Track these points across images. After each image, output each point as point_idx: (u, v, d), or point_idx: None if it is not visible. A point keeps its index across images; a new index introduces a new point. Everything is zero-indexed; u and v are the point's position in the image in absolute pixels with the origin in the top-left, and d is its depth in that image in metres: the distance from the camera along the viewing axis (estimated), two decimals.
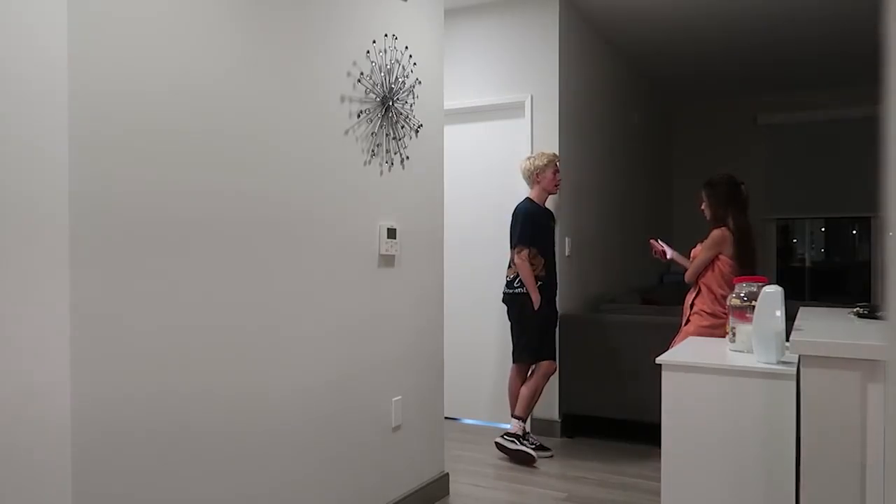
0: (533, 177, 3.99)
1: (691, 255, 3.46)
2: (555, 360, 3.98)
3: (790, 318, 2.99)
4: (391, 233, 2.82)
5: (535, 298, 3.85)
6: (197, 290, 1.94)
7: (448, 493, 3.30)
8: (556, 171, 3.98)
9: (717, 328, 3.28)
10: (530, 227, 3.90)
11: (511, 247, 3.97)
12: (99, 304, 1.67)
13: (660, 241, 3.71)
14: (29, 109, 1.59)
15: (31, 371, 1.58)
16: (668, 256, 3.63)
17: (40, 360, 1.60)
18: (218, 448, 2.02)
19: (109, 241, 1.70)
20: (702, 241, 3.43)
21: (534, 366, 3.97)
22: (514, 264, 3.93)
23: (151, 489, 1.81)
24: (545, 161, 3.96)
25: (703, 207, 3.46)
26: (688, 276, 3.45)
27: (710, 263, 3.36)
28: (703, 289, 3.37)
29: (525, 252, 3.88)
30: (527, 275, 3.86)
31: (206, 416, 1.98)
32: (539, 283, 3.89)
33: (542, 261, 3.92)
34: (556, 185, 3.99)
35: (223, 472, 2.04)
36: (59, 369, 1.60)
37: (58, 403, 1.61)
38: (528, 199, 4.01)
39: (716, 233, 3.33)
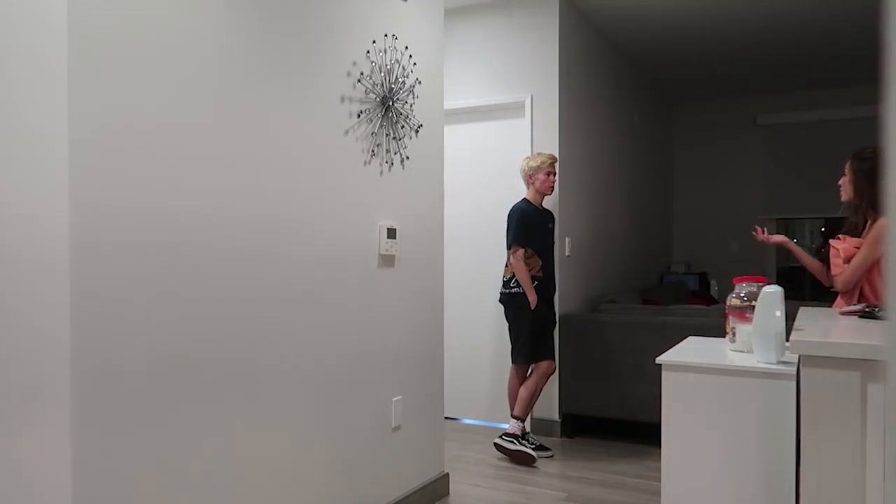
0: (527, 177, 4.00)
1: (840, 253, 2.65)
2: (553, 360, 3.97)
3: (790, 318, 2.98)
4: (391, 233, 2.82)
5: (532, 298, 3.85)
6: (194, 292, 1.95)
7: (448, 493, 3.29)
8: (550, 173, 3.97)
9: None
10: (525, 227, 3.90)
11: (507, 247, 3.97)
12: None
13: (764, 230, 3.09)
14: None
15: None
16: (775, 241, 2.98)
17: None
18: (215, 452, 2.02)
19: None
20: (841, 237, 2.70)
21: (533, 366, 3.97)
22: (510, 264, 3.93)
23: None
24: (538, 162, 3.96)
25: (841, 183, 2.73)
26: (845, 283, 2.61)
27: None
28: (868, 291, 2.60)
29: (520, 252, 3.88)
30: (522, 274, 3.86)
31: (204, 421, 1.98)
32: (535, 283, 3.90)
33: (540, 261, 3.92)
34: (549, 187, 3.98)
35: (221, 474, 2.04)
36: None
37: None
38: (524, 199, 4.01)
39: (883, 223, 2.47)
